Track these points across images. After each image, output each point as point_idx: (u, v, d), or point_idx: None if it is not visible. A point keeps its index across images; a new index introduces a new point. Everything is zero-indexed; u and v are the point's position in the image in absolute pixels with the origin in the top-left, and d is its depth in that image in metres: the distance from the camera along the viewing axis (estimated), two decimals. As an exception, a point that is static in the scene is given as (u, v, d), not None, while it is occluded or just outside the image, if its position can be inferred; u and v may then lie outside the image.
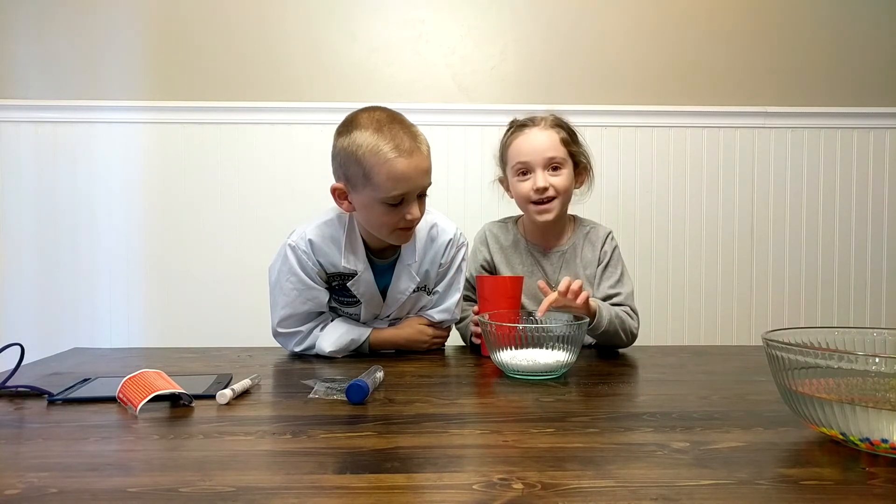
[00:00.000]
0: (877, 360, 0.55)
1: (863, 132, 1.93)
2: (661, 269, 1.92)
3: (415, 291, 1.18)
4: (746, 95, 1.92)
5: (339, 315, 1.20)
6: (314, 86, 1.86)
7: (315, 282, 1.13)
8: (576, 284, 1.04)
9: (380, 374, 0.88)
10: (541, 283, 1.10)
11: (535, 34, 1.89)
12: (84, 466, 0.56)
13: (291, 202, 1.83)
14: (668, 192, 1.92)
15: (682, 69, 1.91)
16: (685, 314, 1.93)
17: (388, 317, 1.21)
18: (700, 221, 1.92)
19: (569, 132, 1.27)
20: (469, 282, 1.29)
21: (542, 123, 1.26)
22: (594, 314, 1.11)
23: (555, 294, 1.04)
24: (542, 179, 1.22)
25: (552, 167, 1.24)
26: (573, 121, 1.31)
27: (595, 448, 0.61)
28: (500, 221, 1.38)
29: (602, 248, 1.29)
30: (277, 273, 1.14)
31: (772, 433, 0.66)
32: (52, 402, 0.79)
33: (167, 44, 1.84)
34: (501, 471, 0.54)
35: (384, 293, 1.17)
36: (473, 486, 0.51)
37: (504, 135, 1.31)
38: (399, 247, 1.16)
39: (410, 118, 1.08)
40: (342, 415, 0.73)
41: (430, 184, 1.09)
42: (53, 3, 1.82)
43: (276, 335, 1.16)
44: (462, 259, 1.22)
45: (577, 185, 1.30)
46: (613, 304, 1.20)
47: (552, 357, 0.92)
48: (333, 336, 1.13)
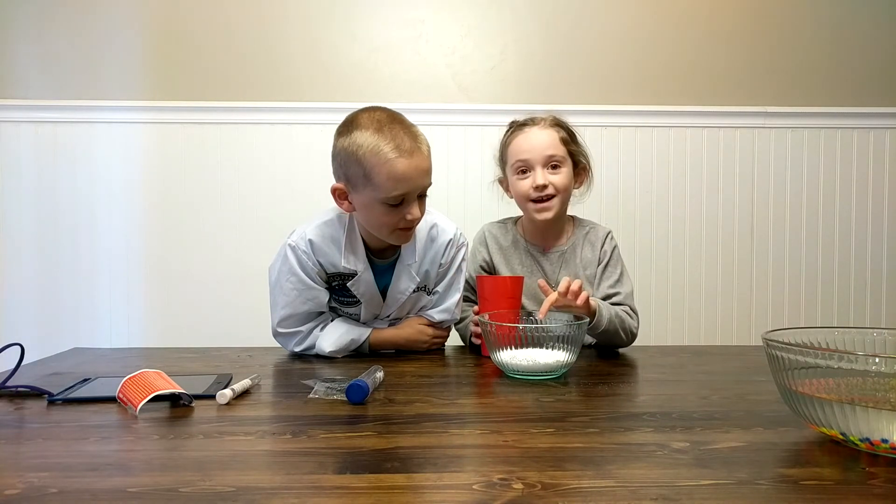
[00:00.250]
0: (877, 360, 0.55)
1: (863, 132, 1.93)
2: (661, 269, 1.92)
3: (415, 291, 1.18)
4: (746, 95, 1.92)
5: (339, 315, 1.20)
6: (314, 86, 1.86)
7: (315, 282, 1.13)
8: (575, 285, 1.04)
9: (380, 374, 0.88)
10: (541, 282, 1.10)
11: (535, 34, 1.89)
12: (84, 466, 0.56)
13: (291, 202, 1.83)
14: (668, 192, 1.92)
15: (682, 69, 1.91)
16: (685, 314, 1.93)
17: (388, 317, 1.21)
18: (700, 221, 1.93)
19: (568, 132, 1.28)
20: (469, 282, 1.29)
21: (542, 123, 1.27)
22: (594, 314, 1.11)
23: (555, 294, 1.04)
24: (542, 177, 1.23)
25: (551, 165, 1.24)
26: (573, 121, 1.31)
27: (595, 448, 0.61)
28: (499, 222, 1.38)
29: (602, 248, 1.29)
30: (277, 273, 1.14)
31: (772, 433, 0.66)
32: (52, 402, 0.79)
33: (167, 44, 1.84)
34: (501, 471, 0.54)
35: (384, 293, 1.17)
36: (473, 486, 0.51)
37: (504, 135, 1.32)
38: (399, 247, 1.16)
39: (410, 118, 1.08)
40: (342, 415, 0.73)
41: (431, 184, 1.09)
42: (53, 3, 1.82)
43: (276, 335, 1.16)
44: (462, 259, 1.22)
45: (577, 185, 1.31)
46: (613, 304, 1.20)
47: (552, 357, 0.92)
48: (333, 336, 1.13)
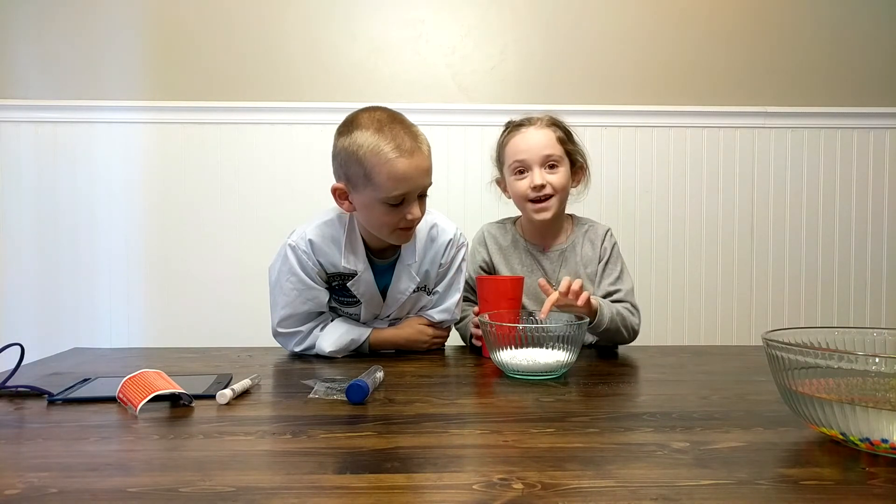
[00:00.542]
0: (877, 360, 0.55)
1: (863, 132, 1.93)
2: (661, 269, 1.92)
3: (415, 291, 1.18)
4: (746, 95, 1.92)
5: (339, 315, 1.20)
6: (314, 86, 1.86)
7: (315, 282, 1.13)
8: (576, 284, 1.04)
9: (380, 374, 0.88)
10: (541, 282, 1.10)
11: (535, 34, 1.89)
12: (84, 466, 0.56)
13: (291, 202, 1.83)
14: (668, 192, 1.92)
15: (682, 69, 1.91)
16: (685, 314, 1.93)
17: (388, 317, 1.21)
18: (700, 221, 1.92)
19: (565, 131, 1.28)
20: (468, 282, 1.29)
21: (539, 123, 1.27)
22: (595, 313, 1.11)
23: (556, 294, 1.04)
24: (539, 177, 1.23)
25: (549, 165, 1.24)
26: (573, 121, 1.32)
27: (595, 448, 0.61)
28: (498, 222, 1.38)
29: (602, 246, 1.29)
30: (277, 273, 1.14)
31: (772, 433, 0.66)
32: (52, 402, 0.79)
33: (167, 44, 1.84)
34: (501, 471, 0.54)
35: (384, 293, 1.17)
36: (473, 486, 0.51)
37: (500, 135, 1.32)
38: (399, 247, 1.16)
39: (410, 118, 1.08)
40: (342, 415, 0.73)
41: (431, 184, 1.09)
42: (53, 3, 1.82)
43: (276, 335, 1.16)
44: (462, 259, 1.22)
45: (574, 185, 1.31)
46: (614, 301, 1.21)
47: (552, 357, 0.92)
48: (333, 336, 1.13)
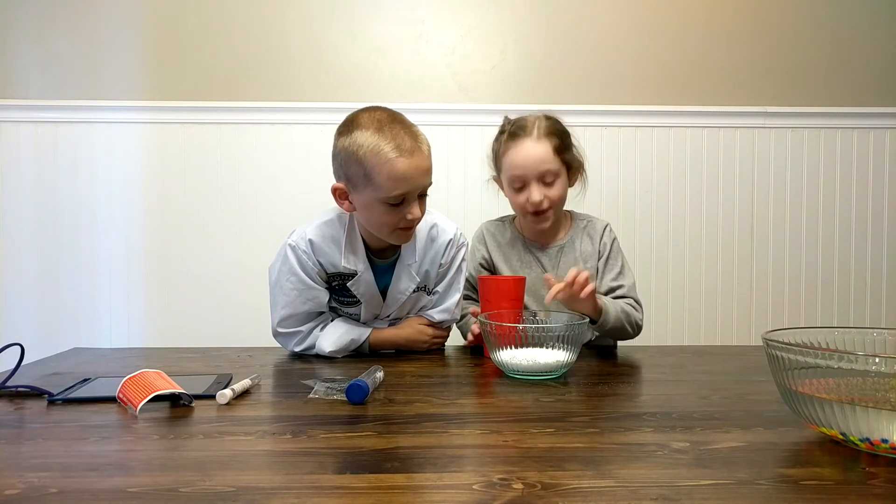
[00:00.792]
0: (877, 360, 0.55)
1: (863, 132, 1.93)
2: (661, 269, 1.92)
3: (415, 291, 1.18)
4: (746, 95, 1.92)
5: (339, 315, 1.20)
6: (314, 86, 1.86)
7: (315, 282, 1.13)
8: (582, 276, 1.05)
9: (380, 374, 0.88)
10: (547, 276, 1.10)
11: (535, 34, 1.89)
12: (84, 466, 0.56)
13: (291, 202, 1.83)
14: (668, 192, 1.92)
15: (682, 69, 1.91)
16: (685, 314, 1.93)
17: (388, 317, 1.21)
18: (700, 221, 1.92)
19: (561, 138, 1.24)
20: (469, 281, 1.29)
21: (535, 132, 1.22)
22: (600, 312, 1.11)
23: (562, 283, 1.04)
24: (537, 194, 1.21)
25: (546, 180, 1.22)
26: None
27: (595, 448, 0.61)
28: (498, 220, 1.38)
29: (601, 241, 1.29)
30: (277, 273, 1.14)
31: (772, 433, 0.66)
32: (52, 402, 0.79)
33: (167, 44, 1.84)
34: (501, 471, 0.54)
35: (384, 293, 1.17)
36: (473, 486, 0.51)
37: (496, 138, 1.29)
38: (399, 247, 1.16)
39: (410, 118, 1.08)
40: (342, 415, 0.73)
41: (431, 183, 1.09)
42: (53, 3, 1.82)
43: (276, 335, 1.16)
44: (462, 259, 1.22)
45: (571, 185, 1.29)
46: (616, 297, 1.21)
47: (552, 357, 0.92)
48: (333, 336, 1.13)
